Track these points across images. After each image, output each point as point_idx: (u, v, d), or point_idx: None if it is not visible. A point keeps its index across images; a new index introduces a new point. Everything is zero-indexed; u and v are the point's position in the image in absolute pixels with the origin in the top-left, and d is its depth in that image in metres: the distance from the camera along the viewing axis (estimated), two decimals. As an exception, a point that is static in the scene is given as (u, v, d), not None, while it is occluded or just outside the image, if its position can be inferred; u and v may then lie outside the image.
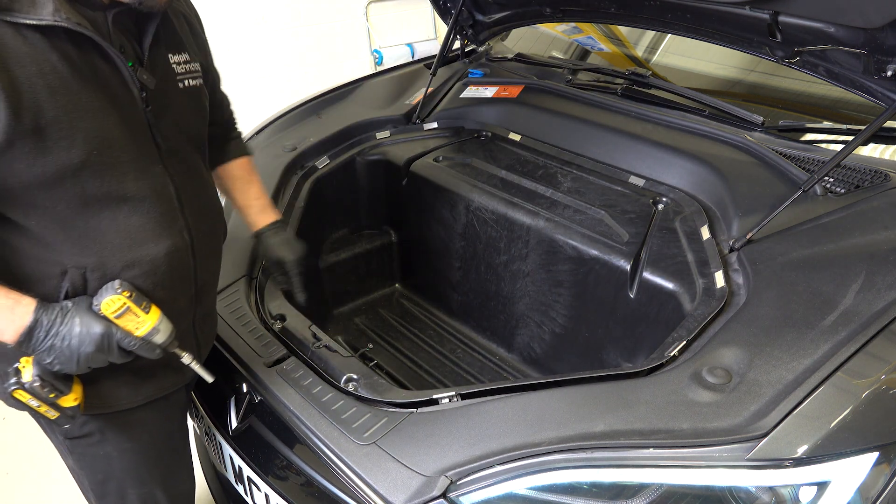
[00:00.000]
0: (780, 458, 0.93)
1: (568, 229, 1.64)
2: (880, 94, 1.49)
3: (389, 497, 0.99)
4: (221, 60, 1.38)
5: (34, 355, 0.98)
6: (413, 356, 1.92)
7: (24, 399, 0.98)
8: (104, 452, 1.18)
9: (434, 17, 4.59)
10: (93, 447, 1.17)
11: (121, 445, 1.19)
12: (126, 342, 1.00)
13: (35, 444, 1.37)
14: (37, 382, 0.98)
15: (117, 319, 1.00)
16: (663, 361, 1.14)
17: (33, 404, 0.99)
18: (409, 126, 2.17)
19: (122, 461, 1.20)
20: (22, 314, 0.96)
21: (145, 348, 1.03)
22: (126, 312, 1.00)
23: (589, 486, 0.96)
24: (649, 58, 2.35)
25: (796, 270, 1.27)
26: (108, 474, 1.22)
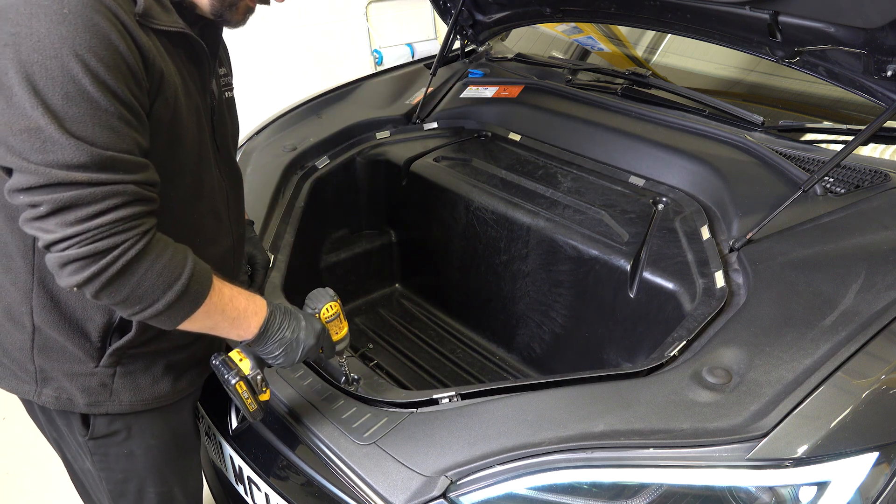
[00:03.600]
0: (780, 458, 0.93)
1: (568, 229, 1.64)
2: (880, 94, 1.50)
3: (389, 497, 0.99)
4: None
5: (259, 347, 1.05)
6: (413, 356, 1.92)
7: (241, 390, 1.04)
8: (128, 451, 1.19)
9: (434, 17, 4.58)
10: (117, 446, 1.18)
11: (146, 443, 1.19)
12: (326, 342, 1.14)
13: (35, 444, 1.37)
14: (259, 375, 1.06)
15: (328, 323, 1.14)
16: (663, 361, 1.14)
17: (245, 396, 1.05)
18: (409, 126, 2.17)
19: (146, 459, 1.21)
20: (260, 306, 1.05)
21: (331, 350, 1.16)
22: (335, 319, 1.16)
23: (589, 486, 0.96)
24: (649, 58, 2.35)
25: (796, 270, 1.27)
26: (130, 473, 1.22)
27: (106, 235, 0.84)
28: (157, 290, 0.90)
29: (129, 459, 1.20)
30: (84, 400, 1.09)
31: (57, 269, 0.86)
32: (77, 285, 0.86)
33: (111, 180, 0.84)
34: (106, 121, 0.84)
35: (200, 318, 0.97)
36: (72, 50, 0.81)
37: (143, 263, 0.88)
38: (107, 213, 0.84)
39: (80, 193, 0.82)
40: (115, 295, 0.89)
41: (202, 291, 0.95)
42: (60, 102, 0.81)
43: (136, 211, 0.87)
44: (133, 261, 0.87)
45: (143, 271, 0.88)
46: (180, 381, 1.17)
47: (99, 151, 0.83)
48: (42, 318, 1.04)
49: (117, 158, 0.85)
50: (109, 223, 0.84)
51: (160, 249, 0.90)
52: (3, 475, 2.30)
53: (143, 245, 0.88)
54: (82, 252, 0.84)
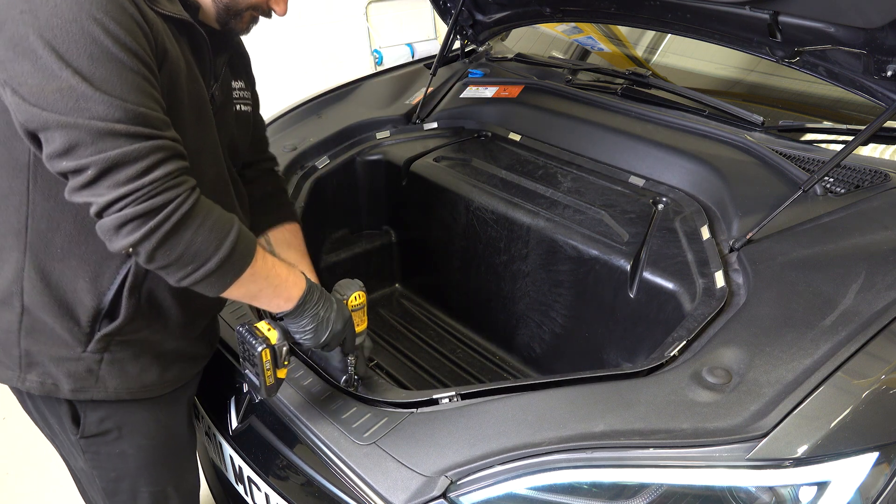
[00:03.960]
0: (780, 458, 0.93)
1: (568, 229, 1.64)
2: (880, 94, 1.50)
3: (389, 497, 0.99)
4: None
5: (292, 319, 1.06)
6: (413, 356, 1.92)
7: (265, 359, 1.04)
8: (120, 450, 1.18)
9: (434, 17, 4.58)
10: (108, 445, 1.17)
11: (137, 442, 1.19)
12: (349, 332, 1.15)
13: (35, 445, 1.37)
14: (285, 346, 1.06)
15: (353, 312, 1.15)
16: (663, 361, 1.13)
17: (266, 367, 1.05)
18: (409, 126, 2.17)
19: (138, 459, 1.20)
20: (300, 278, 1.06)
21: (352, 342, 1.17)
22: (360, 309, 1.17)
23: (589, 486, 0.96)
24: (649, 58, 2.35)
25: (796, 270, 1.27)
26: (122, 472, 1.21)
27: (160, 191, 0.85)
28: (210, 247, 0.91)
29: (121, 459, 1.19)
30: (69, 385, 1.08)
31: (113, 231, 0.86)
32: (134, 244, 0.86)
33: (150, 134, 0.85)
34: (132, 79, 0.85)
35: (246, 282, 0.97)
36: (89, 14, 0.82)
37: (197, 218, 0.89)
38: (155, 169, 0.85)
39: (126, 150, 0.83)
40: (170, 253, 0.88)
41: (250, 251, 0.96)
42: (87, 63, 0.82)
43: (179, 166, 0.88)
44: (187, 215, 0.88)
45: (197, 226, 0.89)
46: (168, 371, 1.16)
47: (132, 107, 0.84)
48: (32, 299, 1.03)
49: (149, 115, 0.86)
50: (160, 178, 0.85)
51: (209, 206, 0.91)
52: (3, 475, 2.30)
53: (194, 199, 0.89)
54: (140, 209, 0.84)
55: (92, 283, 1.03)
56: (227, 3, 1.05)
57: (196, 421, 1.54)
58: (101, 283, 1.03)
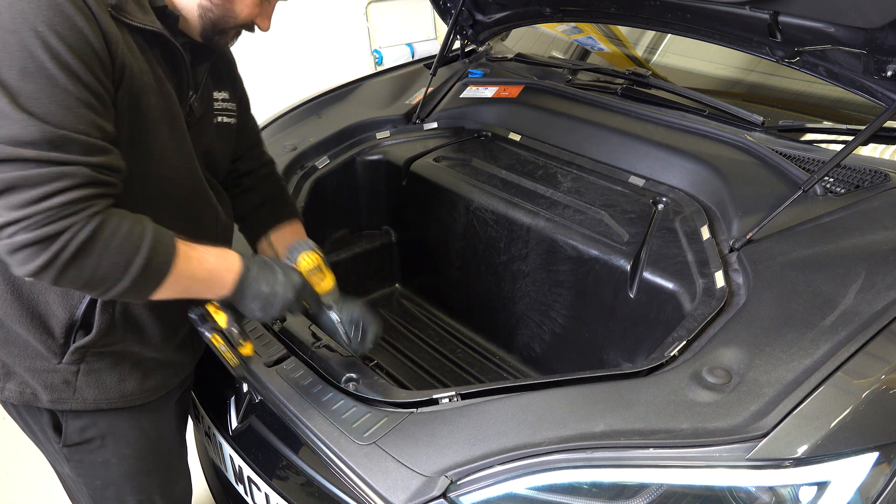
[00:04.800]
0: (780, 458, 0.93)
1: (568, 229, 1.64)
2: (880, 94, 1.49)
3: (389, 497, 0.99)
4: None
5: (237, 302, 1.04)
6: (413, 356, 1.92)
7: (218, 344, 1.06)
8: (103, 459, 1.18)
9: (434, 17, 4.58)
10: (92, 454, 1.17)
11: (120, 452, 1.18)
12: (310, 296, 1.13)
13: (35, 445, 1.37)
14: (236, 329, 1.06)
15: (309, 276, 1.13)
16: (663, 361, 1.13)
17: (222, 350, 1.06)
18: (409, 126, 2.17)
19: (122, 468, 1.20)
20: (233, 262, 1.03)
21: (317, 304, 1.16)
22: (316, 271, 1.14)
23: (589, 486, 0.96)
24: (649, 58, 2.35)
25: (796, 270, 1.27)
26: (107, 480, 1.21)
27: (54, 219, 0.81)
28: (119, 269, 0.87)
29: (104, 467, 1.18)
30: (47, 396, 1.07)
31: (7, 256, 0.82)
32: (32, 274, 0.83)
33: (61, 160, 0.81)
34: (63, 100, 0.81)
35: (171, 286, 0.95)
36: (32, 26, 0.79)
37: (98, 244, 0.85)
38: (55, 196, 0.81)
39: (28, 174, 0.79)
40: (76, 280, 0.86)
41: (166, 261, 0.92)
42: (16, 77, 0.79)
43: (86, 193, 0.83)
44: (86, 243, 0.83)
45: (100, 251, 0.85)
46: (149, 380, 1.14)
47: (52, 129, 0.80)
48: (4, 311, 1.02)
49: (71, 138, 0.82)
50: (58, 206, 0.81)
51: (113, 228, 0.86)
52: (3, 475, 2.30)
53: (93, 226, 0.84)
54: (31, 237, 0.80)
55: (63, 296, 1.02)
56: (214, 21, 1.03)
57: (196, 422, 1.54)
58: (73, 295, 1.02)
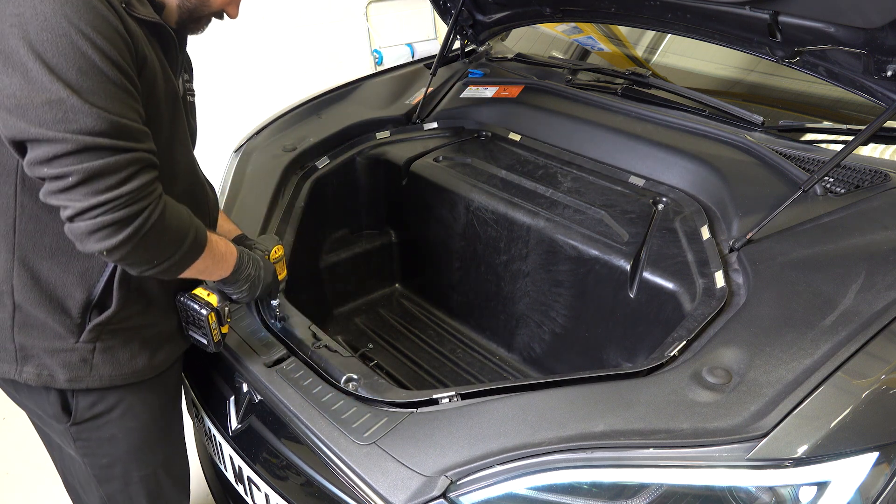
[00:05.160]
0: (780, 458, 0.93)
1: (568, 229, 1.64)
2: (880, 94, 1.49)
3: (389, 497, 0.99)
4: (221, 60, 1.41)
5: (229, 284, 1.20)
6: (413, 356, 1.92)
7: (212, 321, 1.19)
8: (110, 434, 1.22)
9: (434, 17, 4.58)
10: (99, 430, 1.21)
11: (126, 426, 1.22)
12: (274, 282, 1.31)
13: (35, 444, 1.38)
14: (226, 307, 1.22)
15: (276, 264, 1.33)
16: (663, 361, 1.14)
17: (213, 327, 1.19)
18: (409, 126, 2.17)
19: (128, 441, 1.24)
20: (232, 248, 1.19)
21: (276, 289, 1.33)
22: (281, 260, 1.35)
23: (589, 486, 0.96)
24: (649, 58, 2.35)
25: (796, 270, 1.27)
26: (114, 458, 1.25)
27: (135, 201, 0.91)
28: (175, 245, 1.00)
29: (111, 443, 1.23)
30: (65, 376, 1.12)
31: (85, 235, 0.91)
32: (107, 249, 0.92)
33: (130, 147, 0.91)
34: (115, 92, 0.90)
35: (198, 264, 1.07)
36: (78, 28, 0.86)
37: (166, 222, 0.96)
38: (131, 181, 0.91)
39: (107, 162, 0.88)
40: (142, 254, 0.96)
41: (204, 242, 1.06)
42: (76, 76, 0.86)
43: (152, 177, 0.94)
44: (157, 223, 0.95)
45: (166, 229, 0.97)
46: (156, 356, 1.21)
47: (115, 119, 0.89)
48: (23, 296, 1.07)
49: (130, 126, 0.91)
50: (135, 190, 0.91)
51: (172, 209, 0.99)
52: (3, 475, 2.30)
53: (162, 207, 0.96)
54: (115, 217, 0.90)
55: (81, 276, 1.08)
56: (190, 10, 1.11)
57: (196, 422, 1.55)
58: (91, 276, 1.08)
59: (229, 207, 1.67)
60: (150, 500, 1.33)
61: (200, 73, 1.36)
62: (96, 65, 0.87)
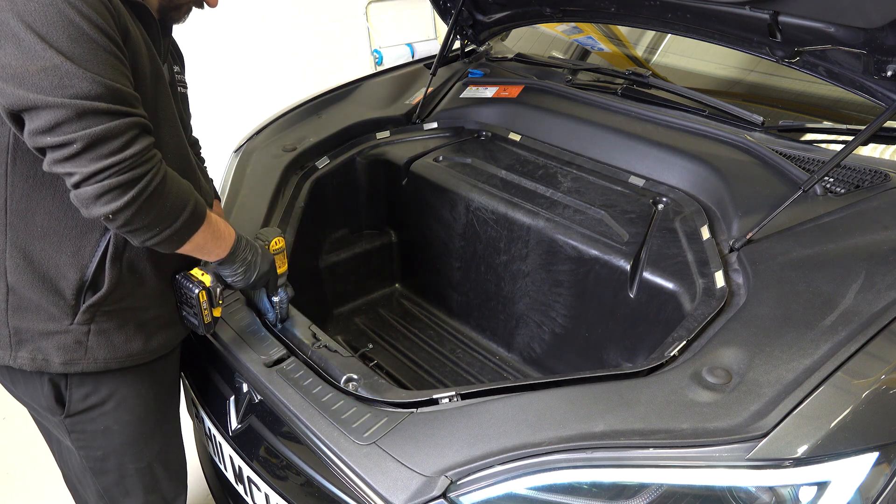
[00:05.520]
0: (780, 458, 0.93)
1: (568, 229, 1.64)
2: (880, 94, 1.49)
3: (389, 497, 0.99)
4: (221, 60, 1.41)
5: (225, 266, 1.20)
6: (413, 356, 1.92)
7: (202, 300, 1.20)
8: (104, 427, 1.22)
9: (434, 17, 4.58)
10: (93, 422, 1.21)
11: (121, 418, 1.23)
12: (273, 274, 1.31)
13: (35, 444, 1.38)
14: (219, 287, 1.22)
15: (276, 255, 1.31)
16: (663, 361, 1.14)
17: (204, 307, 1.21)
18: (409, 126, 2.17)
19: (122, 435, 1.24)
20: (230, 229, 1.19)
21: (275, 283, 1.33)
22: (280, 253, 1.32)
23: (589, 486, 0.96)
24: (649, 58, 2.35)
25: (796, 270, 1.27)
26: (108, 450, 1.25)
27: (138, 164, 0.93)
28: (176, 211, 1.01)
29: (106, 436, 1.23)
30: (59, 359, 1.12)
31: (92, 199, 0.92)
32: (115, 211, 0.93)
33: (128, 112, 0.92)
34: (106, 58, 0.91)
35: (198, 237, 1.08)
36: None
37: (167, 186, 0.98)
38: (133, 144, 0.92)
39: (109, 126, 0.89)
40: (145, 218, 0.97)
41: (203, 213, 1.07)
42: (67, 43, 0.87)
43: (150, 141, 0.96)
44: (161, 184, 0.97)
45: (167, 193, 0.98)
46: (152, 340, 1.21)
47: (110, 83, 0.90)
48: (16, 277, 1.08)
49: (124, 91, 0.93)
50: (139, 152, 0.93)
51: (171, 177, 1.01)
52: (3, 475, 2.31)
53: (164, 170, 0.98)
54: (121, 180, 0.91)
55: (74, 256, 1.08)
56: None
57: (196, 422, 1.55)
58: (83, 255, 1.09)
59: (229, 207, 1.67)
60: (146, 493, 1.33)
61: (201, 73, 1.36)
62: (85, 32, 0.88)
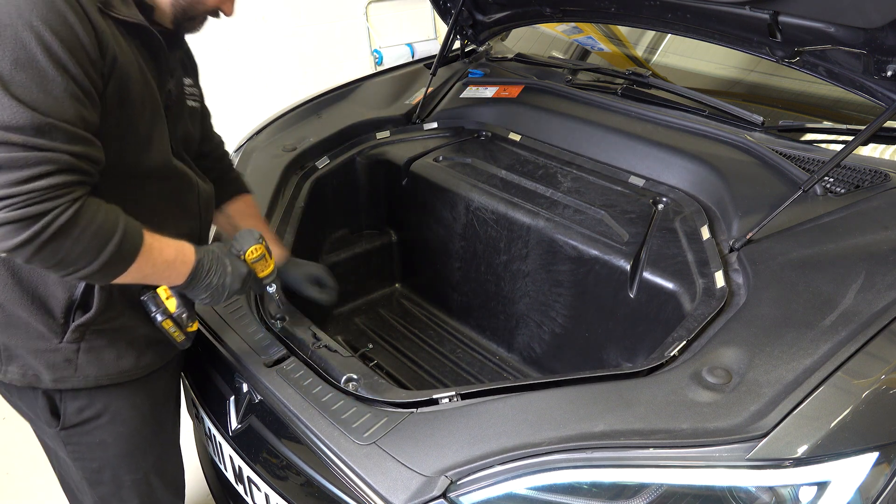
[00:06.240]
0: (780, 458, 0.93)
1: (568, 229, 1.64)
2: (880, 94, 1.49)
3: (389, 497, 0.99)
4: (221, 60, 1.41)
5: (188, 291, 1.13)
6: (413, 356, 1.92)
7: (168, 327, 1.15)
8: (100, 439, 1.21)
9: (434, 17, 4.58)
10: (89, 434, 1.20)
11: (116, 430, 1.22)
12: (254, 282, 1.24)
13: (35, 445, 1.38)
14: (184, 313, 1.15)
15: (253, 264, 1.23)
16: (663, 361, 1.13)
17: (171, 331, 1.15)
18: (409, 126, 2.17)
19: (118, 446, 1.23)
20: (188, 255, 1.10)
21: (259, 287, 1.27)
22: (261, 259, 1.24)
23: (589, 486, 0.96)
24: (649, 58, 2.35)
25: (796, 270, 1.27)
26: (104, 462, 1.24)
27: (36, 201, 0.85)
28: (91, 253, 0.93)
29: (101, 448, 1.22)
30: (49, 376, 1.11)
31: None
32: (7, 251, 0.87)
33: (46, 146, 0.85)
34: (51, 90, 0.86)
35: (133, 273, 1.01)
36: (27, 21, 0.84)
37: (75, 230, 0.90)
38: (38, 179, 0.85)
39: (14, 156, 0.83)
40: (48, 260, 0.90)
41: (133, 250, 0.99)
42: (8, 67, 0.84)
43: (67, 179, 0.88)
44: (64, 227, 0.88)
45: (76, 236, 0.90)
46: (144, 356, 1.20)
47: (39, 117, 0.85)
48: (5, 295, 1.07)
49: (57, 126, 0.86)
50: (41, 189, 0.85)
51: (91, 214, 0.91)
52: (3, 475, 2.31)
53: (72, 212, 0.89)
54: (12, 216, 0.84)
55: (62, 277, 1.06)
56: (184, 7, 1.10)
57: (196, 422, 1.55)
58: None
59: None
60: (142, 503, 1.32)
61: (201, 73, 1.35)
62: (36, 59, 0.84)
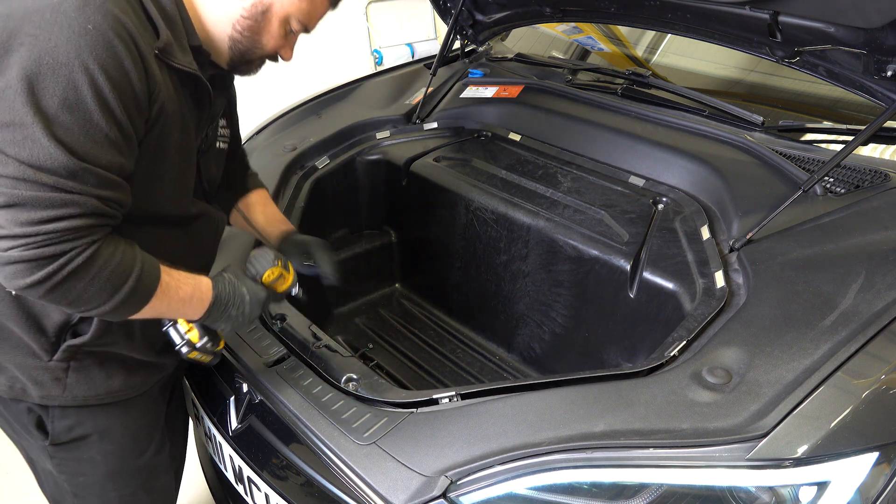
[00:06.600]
0: (780, 458, 0.93)
1: (568, 229, 1.64)
2: (880, 94, 1.49)
3: (389, 497, 0.99)
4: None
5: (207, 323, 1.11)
6: (413, 356, 1.92)
7: (194, 356, 1.14)
8: (88, 457, 1.20)
9: (434, 17, 4.58)
10: (77, 451, 1.19)
11: (105, 449, 1.21)
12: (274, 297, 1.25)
13: (35, 445, 1.38)
14: (209, 343, 1.15)
15: (272, 284, 1.23)
16: (663, 361, 1.13)
17: (198, 357, 1.15)
18: (409, 126, 2.16)
19: (106, 465, 1.23)
20: (205, 291, 1.09)
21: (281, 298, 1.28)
22: (279, 278, 1.24)
23: (589, 486, 0.96)
24: (649, 58, 2.35)
25: (796, 270, 1.27)
26: (91, 478, 1.24)
27: (53, 242, 0.84)
28: (105, 294, 0.92)
29: (90, 465, 1.21)
30: (37, 392, 1.10)
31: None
32: (20, 289, 0.86)
33: (76, 189, 0.85)
34: (94, 135, 0.85)
35: (148, 311, 1.00)
36: (83, 62, 0.83)
37: (90, 271, 0.89)
38: (59, 221, 0.84)
39: (39, 195, 0.82)
40: (61, 299, 0.90)
41: (149, 290, 0.98)
42: (56, 107, 0.82)
43: (89, 223, 0.87)
44: (79, 268, 0.87)
45: (90, 278, 0.89)
46: (133, 377, 1.18)
47: (75, 161, 0.84)
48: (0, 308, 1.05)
49: (91, 171, 0.86)
50: (60, 231, 0.84)
51: (108, 256, 0.90)
52: (3, 475, 2.30)
53: (89, 254, 0.88)
54: (27, 255, 0.83)
55: None
56: (242, 52, 1.10)
57: (196, 422, 1.55)
58: None
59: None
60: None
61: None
62: (84, 102, 0.83)
